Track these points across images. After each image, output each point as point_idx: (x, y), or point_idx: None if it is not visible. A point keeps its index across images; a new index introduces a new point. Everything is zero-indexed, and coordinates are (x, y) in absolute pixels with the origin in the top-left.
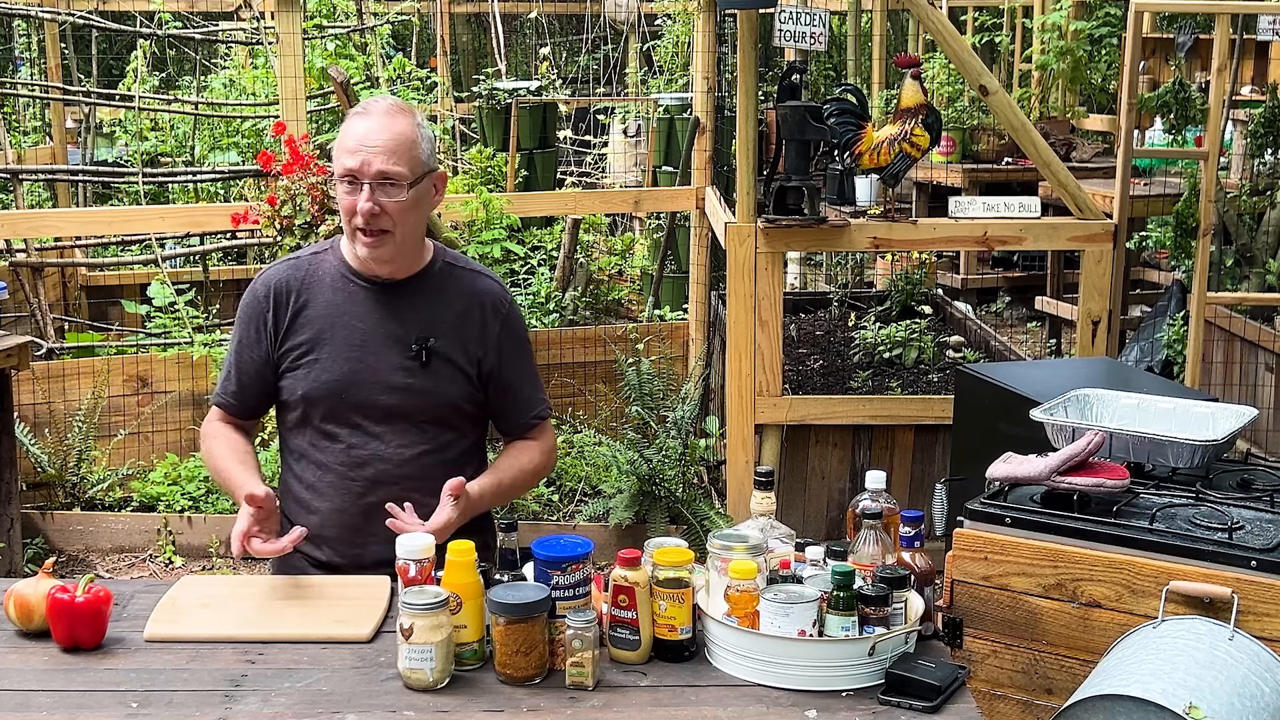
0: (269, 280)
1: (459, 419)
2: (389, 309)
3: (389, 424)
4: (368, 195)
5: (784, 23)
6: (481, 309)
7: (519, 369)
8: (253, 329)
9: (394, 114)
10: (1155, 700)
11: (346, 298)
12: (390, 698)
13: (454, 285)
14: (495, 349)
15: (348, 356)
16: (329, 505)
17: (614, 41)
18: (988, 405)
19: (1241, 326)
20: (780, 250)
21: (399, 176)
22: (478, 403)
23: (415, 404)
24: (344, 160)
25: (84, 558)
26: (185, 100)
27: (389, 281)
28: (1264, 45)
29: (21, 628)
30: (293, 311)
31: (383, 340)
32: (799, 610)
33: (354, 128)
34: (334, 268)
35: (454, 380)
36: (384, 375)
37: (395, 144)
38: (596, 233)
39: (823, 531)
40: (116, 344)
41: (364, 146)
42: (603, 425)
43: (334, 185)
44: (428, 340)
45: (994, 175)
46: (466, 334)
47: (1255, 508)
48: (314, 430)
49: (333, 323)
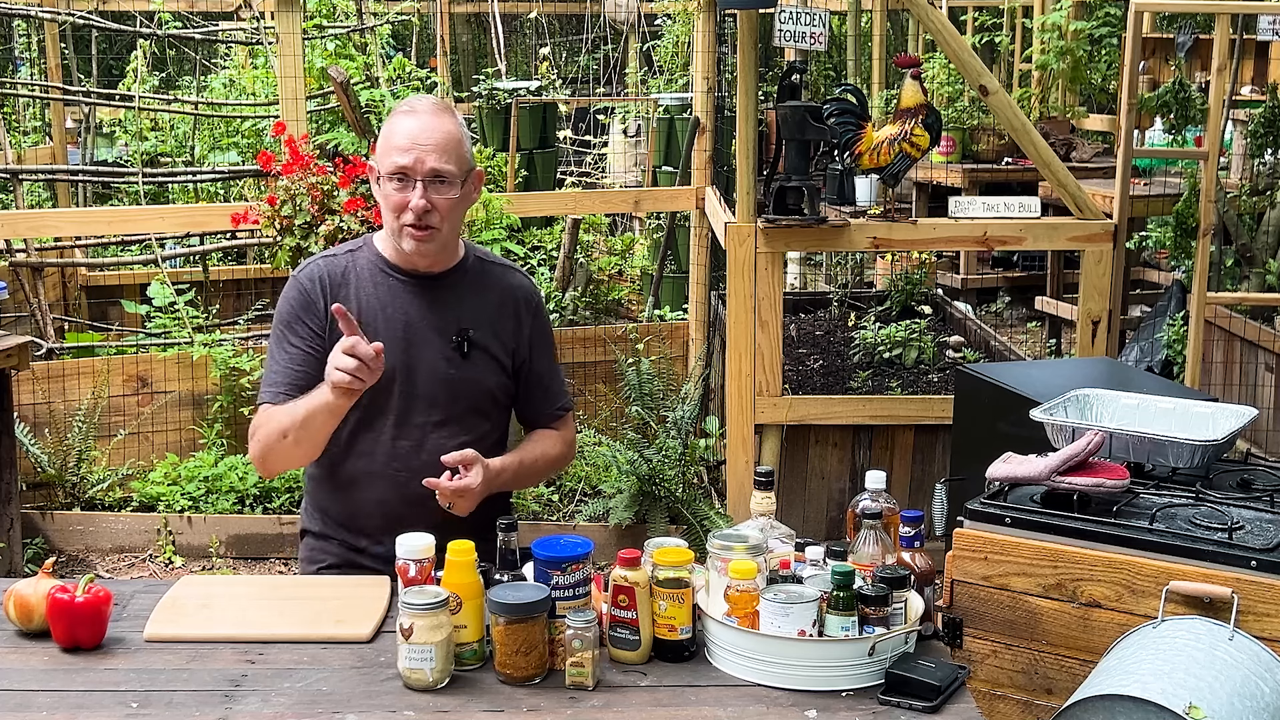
0: (311, 274)
1: (494, 409)
2: (429, 301)
3: (430, 414)
4: (421, 193)
5: (784, 23)
6: (515, 303)
7: (548, 361)
8: (302, 317)
9: (441, 113)
10: (1155, 700)
11: (387, 291)
12: (390, 698)
13: (488, 279)
14: (528, 342)
15: (395, 348)
16: (372, 496)
17: (614, 41)
18: (988, 405)
19: (1241, 326)
20: (780, 250)
21: (450, 175)
22: (509, 393)
23: (458, 394)
24: (396, 158)
25: (84, 558)
26: (185, 100)
27: (427, 275)
28: (1264, 45)
29: (21, 628)
30: (338, 300)
31: (426, 332)
32: (799, 610)
33: (404, 125)
34: (371, 262)
35: (491, 371)
36: (431, 366)
37: (447, 142)
38: (596, 233)
39: (823, 531)
40: (116, 344)
41: (417, 144)
42: (603, 425)
43: (380, 182)
44: (468, 331)
45: (994, 175)
46: (502, 326)
47: (1255, 508)
48: (359, 421)
49: (375, 315)
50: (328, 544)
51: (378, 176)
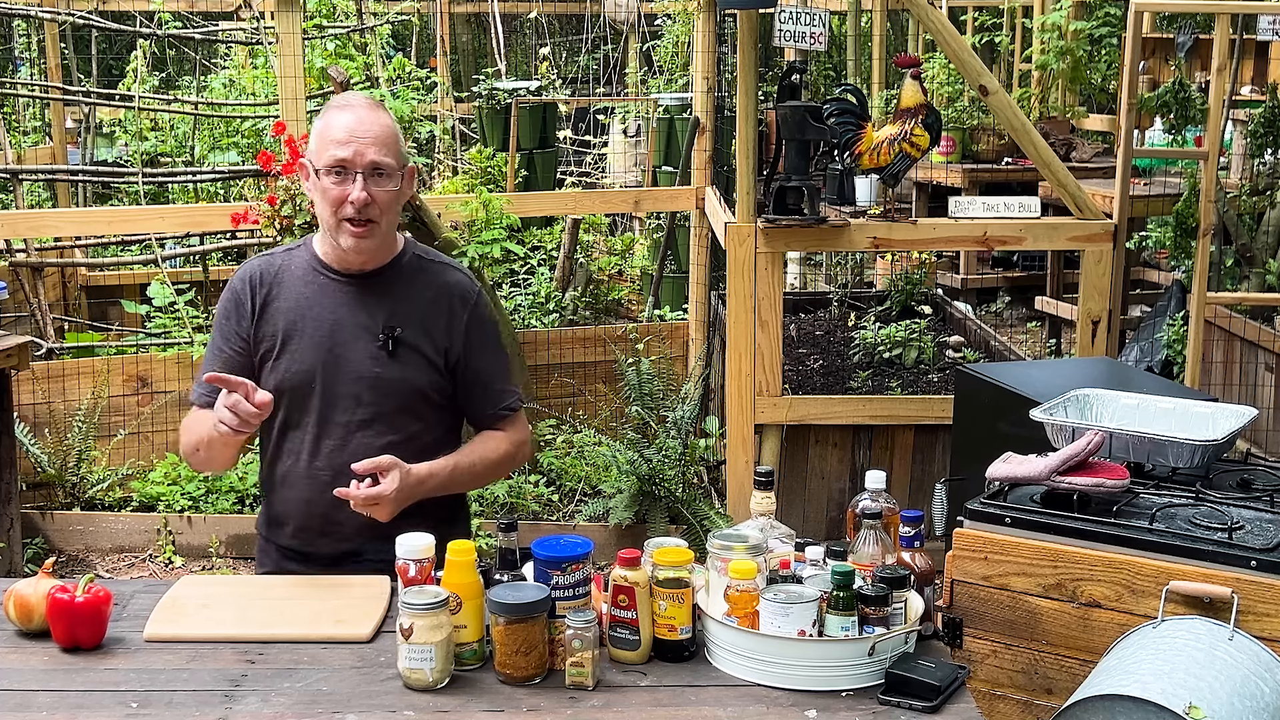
0: (244, 274)
1: (426, 409)
2: (358, 300)
3: (356, 413)
4: (361, 185)
5: (784, 23)
6: (449, 299)
7: (488, 360)
8: (231, 324)
9: (375, 108)
10: (1155, 700)
11: (316, 290)
12: (390, 698)
13: (422, 277)
14: (462, 339)
15: (317, 347)
16: (298, 495)
17: (614, 41)
18: (988, 405)
19: (1241, 326)
20: (780, 250)
21: (389, 167)
22: (445, 393)
23: (383, 393)
24: (334, 151)
25: (84, 558)
26: (185, 100)
27: (359, 273)
28: (1264, 45)
29: (21, 628)
30: (263, 303)
31: (352, 331)
32: (799, 610)
33: (340, 119)
34: (305, 262)
35: (421, 370)
36: (353, 365)
37: (384, 135)
38: (596, 233)
39: (823, 531)
40: (116, 344)
41: (355, 137)
42: (603, 425)
43: (318, 177)
44: (395, 330)
45: (994, 175)
46: (434, 324)
47: (1255, 508)
48: (285, 421)
49: (302, 315)
50: (266, 545)
51: (312, 173)
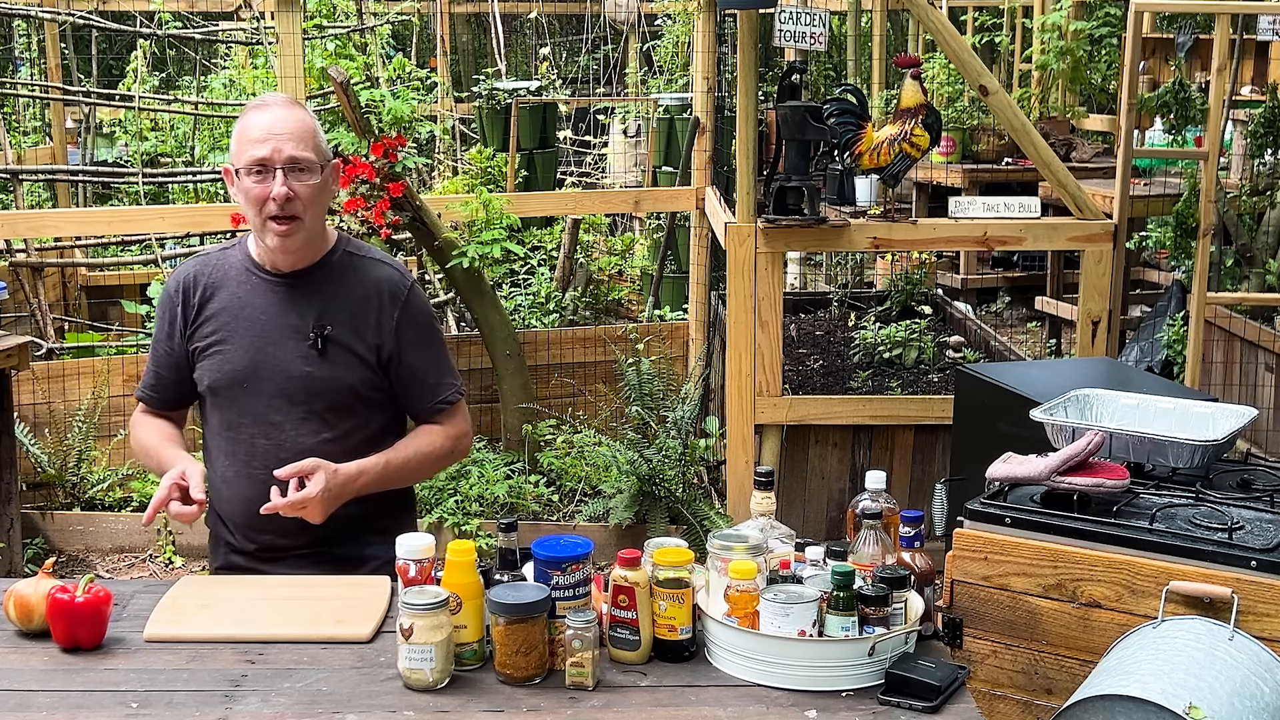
0: (178, 276)
1: (360, 406)
2: (289, 300)
3: (290, 413)
4: (281, 180)
5: (784, 23)
6: (379, 295)
7: (423, 354)
8: (165, 323)
9: (292, 105)
10: (1155, 700)
11: (250, 290)
12: (390, 698)
13: (353, 273)
14: (394, 335)
15: (249, 347)
16: (236, 494)
17: (614, 41)
18: (988, 405)
19: (1241, 326)
20: (780, 250)
21: (308, 162)
22: (380, 389)
23: (314, 392)
24: (252, 151)
25: (84, 558)
26: (185, 100)
27: (289, 273)
28: (1264, 45)
29: (21, 628)
30: (199, 304)
31: (282, 330)
32: (799, 610)
33: (256, 119)
34: (239, 262)
35: (352, 367)
36: (284, 365)
37: (301, 131)
38: (596, 233)
39: (823, 531)
40: (116, 344)
41: (273, 134)
42: (603, 425)
43: (239, 177)
44: (325, 328)
45: (994, 175)
46: (363, 320)
47: (1255, 508)
48: (221, 421)
49: (236, 315)
50: (216, 541)
51: (234, 174)
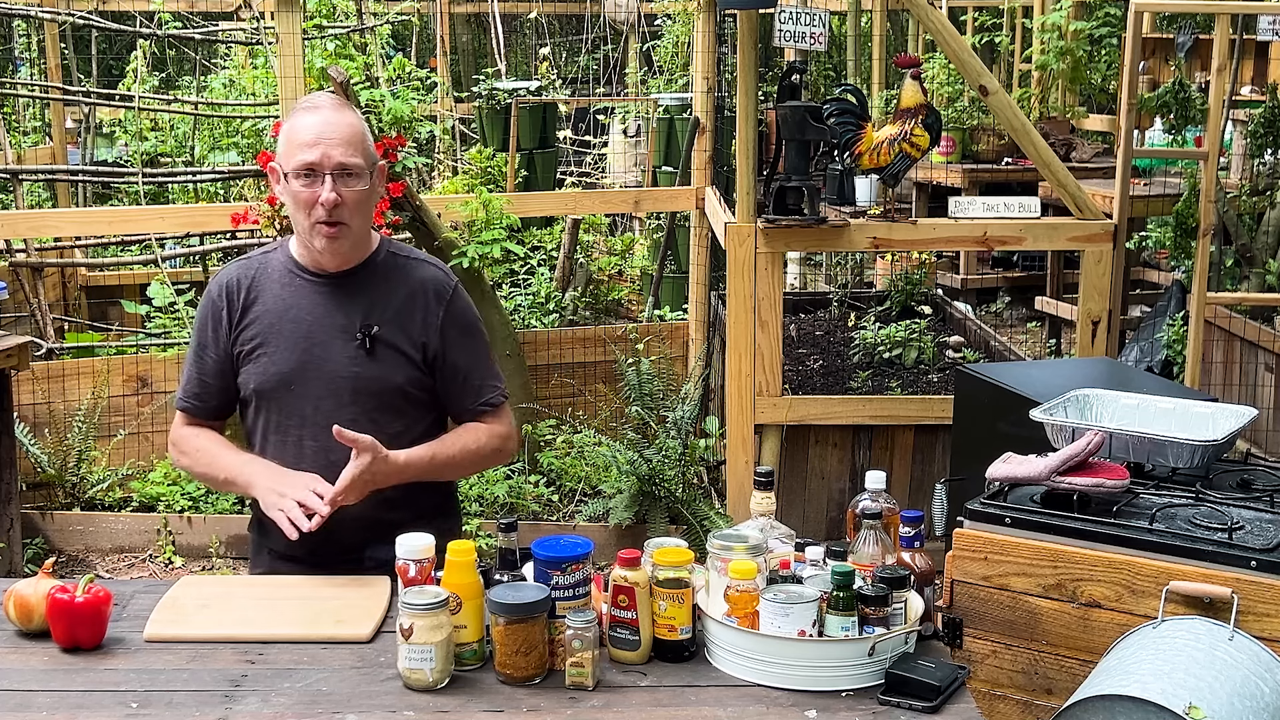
0: (221, 280)
1: (407, 406)
2: (334, 300)
3: (338, 414)
4: (330, 186)
5: (784, 23)
6: (425, 295)
7: (467, 354)
8: (209, 329)
9: (341, 108)
10: (1155, 700)
11: (294, 292)
12: (390, 698)
13: (398, 274)
14: (439, 334)
15: (295, 349)
16: None
17: (614, 41)
18: (988, 405)
19: (1241, 326)
20: (780, 250)
21: (357, 168)
22: (426, 388)
23: (362, 391)
24: (301, 155)
25: (84, 558)
26: (185, 100)
27: (334, 274)
28: (1264, 45)
29: (21, 628)
30: (243, 307)
31: (329, 331)
32: (799, 610)
33: (307, 121)
34: (281, 264)
35: (399, 366)
36: (331, 365)
37: (352, 136)
38: (596, 233)
39: (823, 531)
40: (116, 344)
41: (323, 139)
42: (603, 425)
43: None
44: (371, 328)
45: (994, 175)
46: (409, 320)
47: (1255, 508)
48: (267, 424)
49: (280, 317)
50: (259, 547)
51: (282, 177)
